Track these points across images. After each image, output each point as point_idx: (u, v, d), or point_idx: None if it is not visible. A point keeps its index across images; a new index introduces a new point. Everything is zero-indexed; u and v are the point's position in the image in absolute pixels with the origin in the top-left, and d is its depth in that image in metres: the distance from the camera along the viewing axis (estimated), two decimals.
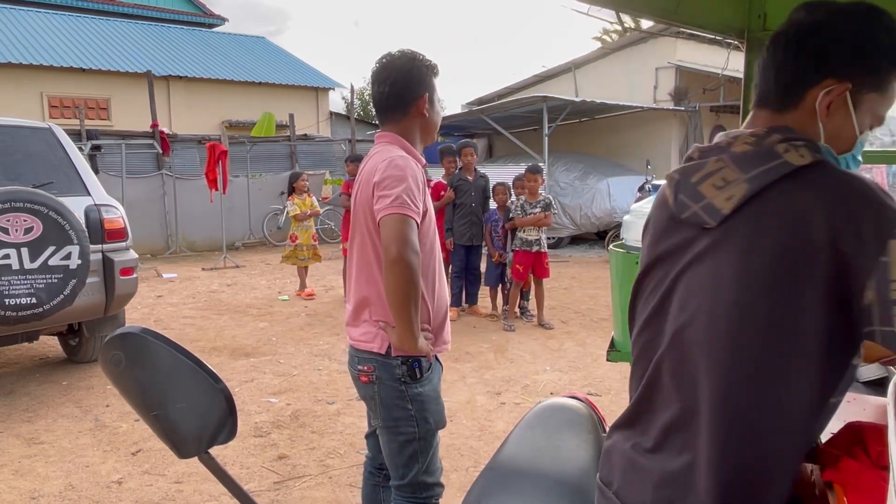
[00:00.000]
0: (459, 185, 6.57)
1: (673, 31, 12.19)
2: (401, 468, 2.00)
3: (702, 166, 1.10)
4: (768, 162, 1.01)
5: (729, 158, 1.06)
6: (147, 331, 1.11)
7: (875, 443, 0.99)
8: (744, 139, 1.07)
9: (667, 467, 1.03)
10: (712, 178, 1.06)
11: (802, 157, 1.00)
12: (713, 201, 1.04)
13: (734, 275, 1.00)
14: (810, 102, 1.05)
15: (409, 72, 1.95)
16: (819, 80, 1.04)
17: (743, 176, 1.03)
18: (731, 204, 1.02)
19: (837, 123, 1.05)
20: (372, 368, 1.94)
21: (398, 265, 1.76)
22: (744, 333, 0.98)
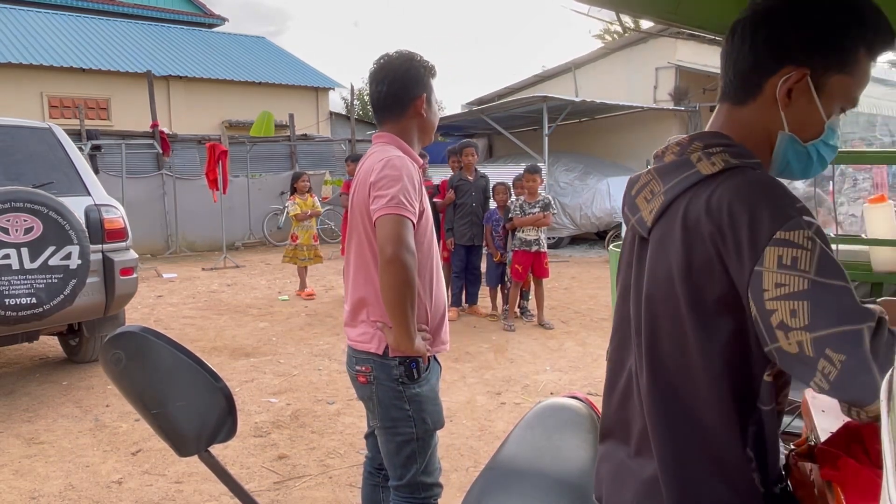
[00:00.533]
0: (460, 185, 6.58)
1: (673, 31, 12.19)
2: (399, 468, 2.00)
3: (639, 179, 1.11)
4: (682, 172, 1.01)
5: (656, 171, 1.07)
6: (147, 330, 1.12)
7: (874, 442, 0.99)
8: (671, 149, 1.07)
9: (643, 473, 1.04)
10: (644, 191, 1.08)
11: (713, 165, 0.98)
12: (643, 214, 1.07)
13: (647, 288, 1.02)
14: (770, 92, 1.01)
15: (407, 72, 1.96)
16: (777, 69, 1.00)
17: (662, 188, 1.03)
18: (652, 216, 1.04)
19: (802, 111, 1.01)
20: (369, 369, 1.94)
21: (393, 265, 1.77)
22: (658, 347, 1.00)
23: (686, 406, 0.98)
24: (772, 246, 0.87)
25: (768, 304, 0.87)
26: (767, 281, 0.87)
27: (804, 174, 1.08)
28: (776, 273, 0.86)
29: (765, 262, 0.87)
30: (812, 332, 0.84)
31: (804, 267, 0.85)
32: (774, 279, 0.86)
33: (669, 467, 0.98)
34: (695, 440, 0.97)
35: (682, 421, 0.98)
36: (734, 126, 1.05)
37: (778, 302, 0.86)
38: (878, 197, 2.79)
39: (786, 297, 0.85)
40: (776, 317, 0.86)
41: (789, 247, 0.86)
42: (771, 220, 0.88)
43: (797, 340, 0.85)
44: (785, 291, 0.85)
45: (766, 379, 0.96)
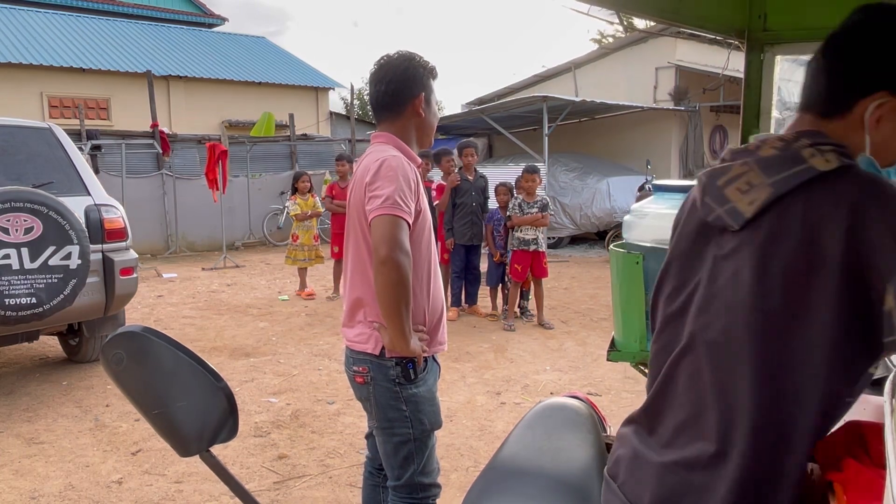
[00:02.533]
0: (460, 184, 6.57)
1: (673, 31, 12.19)
2: (396, 469, 2.00)
3: (728, 169, 1.09)
4: (793, 166, 1.00)
5: (755, 162, 1.06)
6: (148, 330, 1.11)
7: (876, 442, 0.98)
8: (771, 143, 1.06)
9: (674, 466, 1.03)
10: (737, 182, 1.06)
11: (828, 162, 0.98)
12: (737, 205, 1.04)
13: (752, 279, 1.00)
14: (859, 113, 1.02)
15: (406, 71, 1.96)
16: (872, 92, 1.00)
17: (767, 180, 1.02)
18: (753, 208, 1.02)
19: (885, 136, 1.02)
20: (366, 369, 1.94)
21: (387, 266, 1.77)
22: (759, 338, 0.98)
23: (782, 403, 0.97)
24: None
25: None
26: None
27: None
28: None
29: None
30: None
31: None
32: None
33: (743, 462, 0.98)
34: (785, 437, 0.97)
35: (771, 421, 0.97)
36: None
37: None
38: None
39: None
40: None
41: None
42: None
43: None
44: None
45: (870, 371, 0.98)
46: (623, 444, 1.15)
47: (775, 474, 0.97)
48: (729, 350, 1.01)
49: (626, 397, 4.32)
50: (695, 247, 1.12)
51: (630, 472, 1.10)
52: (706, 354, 1.04)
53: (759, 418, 0.97)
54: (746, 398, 0.98)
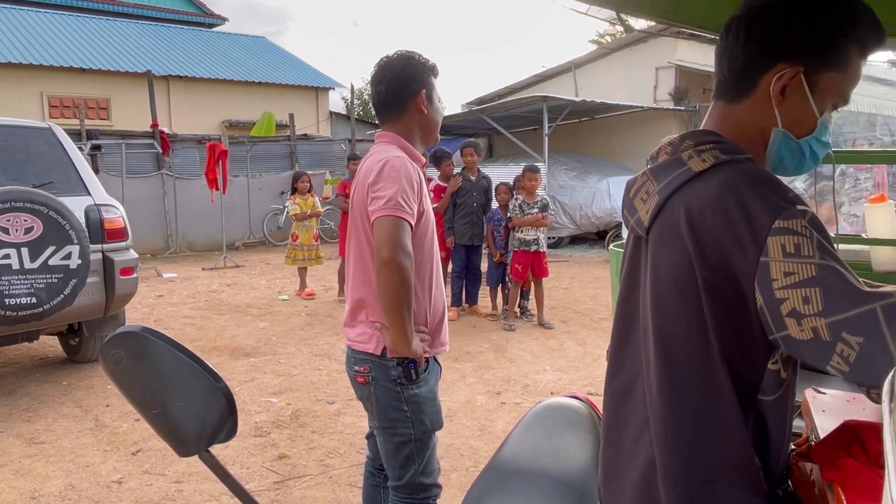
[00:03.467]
0: (461, 184, 6.57)
1: (673, 31, 12.19)
2: (397, 469, 2.00)
3: (636, 180, 1.12)
4: (674, 171, 1.02)
5: (650, 171, 1.08)
6: (147, 330, 1.11)
7: (874, 442, 0.99)
8: (664, 149, 1.08)
9: (636, 474, 1.04)
10: (640, 192, 1.09)
11: (704, 162, 0.99)
12: (640, 215, 1.07)
13: (650, 288, 1.03)
14: (764, 89, 1.02)
15: (405, 70, 1.96)
16: (770, 66, 1.01)
17: (656, 188, 1.04)
18: (648, 217, 1.04)
19: (795, 108, 1.02)
20: (367, 369, 1.94)
21: (389, 267, 1.77)
22: (666, 343, 1.00)
23: (692, 402, 0.98)
24: (773, 236, 0.88)
25: (778, 293, 0.87)
26: (775, 270, 0.87)
27: (797, 170, 1.09)
28: (783, 262, 0.87)
29: (769, 252, 0.88)
30: (827, 316, 0.84)
31: (808, 253, 0.86)
32: (782, 268, 0.87)
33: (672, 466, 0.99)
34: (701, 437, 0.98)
35: (688, 418, 0.98)
36: (728, 124, 1.06)
37: (788, 290, 0.87)
38: (879, 196, 2.78)
39: (796, 286, 0.86)
40: (787, 305, 0.87)
41: (790, 234, 0.87)
42: (768, 211, 0.89)
43: (811, 327, 0.86)
44: (795, 280, 0.86)
45: (770, 367, 0.97)
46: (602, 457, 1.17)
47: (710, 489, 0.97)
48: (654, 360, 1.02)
49: None
50: (630, 256, 1.15)
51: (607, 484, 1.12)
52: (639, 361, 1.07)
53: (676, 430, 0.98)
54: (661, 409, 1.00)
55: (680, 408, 0.99)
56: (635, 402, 1.08)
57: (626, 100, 12.84)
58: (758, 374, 0.97)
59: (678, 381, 0.99)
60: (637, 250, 1.11)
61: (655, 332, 1.02)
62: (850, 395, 1.44)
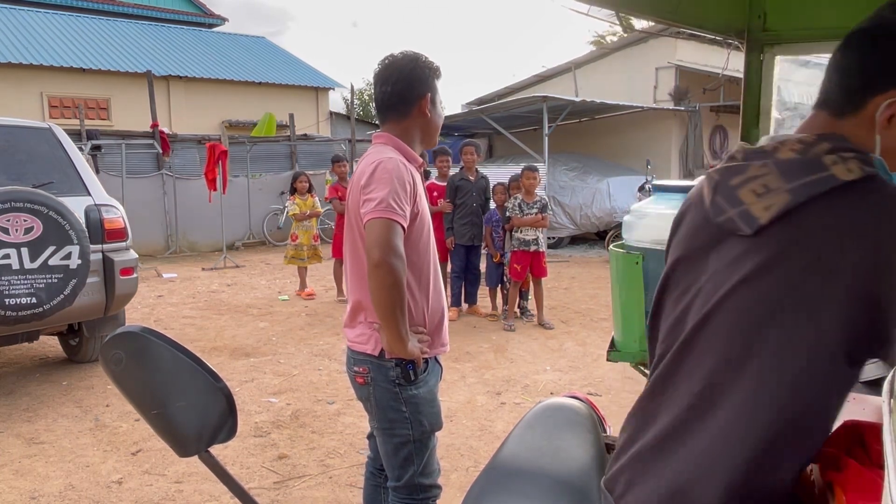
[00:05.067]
0: (461, 184, 6.58)
1: (673, 31, 12.19)
2: (396, 469, 2.00)
3: (744, 169, 1.03)
4: (813, 173, 0.95)
5: (773, 165, 1.00)
6: (147, 330, 1.11)
7: (875, 442, 0.98)
8: (790, 145, 1.01)
9: (670, 473, 1.01)
10: (753, 184, 1.01)
11: (850, 172, 0.93)
12: (751, 208, 0.99)
13: (761, 286, 0.97)
14: (871, 111, 0.98)
15: (413, 71, 1.95)
16: (885, 89, 0.96)
17: (785, 185, 0.97)
18: (769, 214, 0.97)
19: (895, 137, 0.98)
20: (367, 370, 1.94)
21: (380, 269, 1.76)
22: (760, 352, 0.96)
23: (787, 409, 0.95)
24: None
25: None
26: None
27: None
28: None
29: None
30: None
31: None
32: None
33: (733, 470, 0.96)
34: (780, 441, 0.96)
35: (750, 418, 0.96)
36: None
37: None
38: None
39: None
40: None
41: None
42: None
43: None
44: None
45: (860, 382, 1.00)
46: (620, 453, 1.13)
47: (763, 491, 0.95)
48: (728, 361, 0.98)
49: (626, 397, 4.31)
50: (699, 248, 1.08)
51: (628, 484, 1.07)
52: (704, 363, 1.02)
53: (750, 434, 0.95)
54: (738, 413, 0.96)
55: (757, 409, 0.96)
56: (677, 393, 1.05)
57: (626, 100, 12.84)
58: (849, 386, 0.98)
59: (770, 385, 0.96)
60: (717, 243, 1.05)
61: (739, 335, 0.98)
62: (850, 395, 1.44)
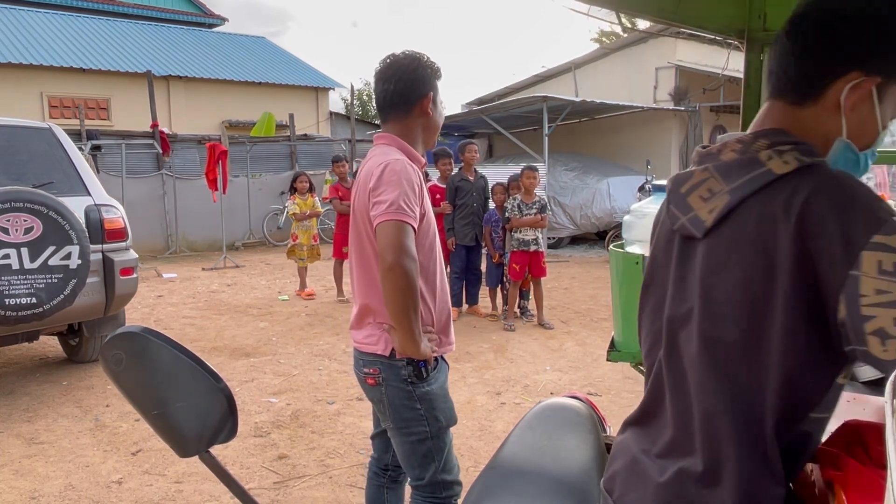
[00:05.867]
0: (461, 185, 6.58)
1: (673, 31, 12.19)
2: (417, 468, 1.99)
3: (690, 175, 1.06)
4: (751, 171, 0.96)
5: (714, 168, 1.02)
6: (148, 330, 1.11)
7: (875, 442, 0.98)
8: (731, 146, 1.03)
9: (670, 480, 1.00)
10: (699, 189, 1.03)
11: (786, 164, 0.94)
12: (698, 213, 1.01)
13: (713, 289, 0.98)
14: (833, 96, 0.97)
15: (415, 71, 1.95)
16: (845, 73, 0.95)
17: (726, 187, 0.99)
18: (712, 216, 0.99)
19: (862, 118, 0.98)
20: (378, 371, 1.94)
21: (394, 272, 1.76)
22: (720, 348, 0.96)
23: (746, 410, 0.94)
24: (869, 250, 0.84)
25: (865, 309, 0.84)
26: (866, 286, 0.83)
27: None
28: (876, 279, 0.83)
29: (862, 266, 0.84)
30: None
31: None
32: (874, 285, 0.83)
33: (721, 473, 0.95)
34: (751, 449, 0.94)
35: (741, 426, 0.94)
36: (790, 127, 1.01)
37: (878, 308, 0.83)
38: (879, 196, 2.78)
39: (889, 305, 0.82)
40: (874, 323, 0.83)
41: (888, 251, 0.83)
42: (866, 223, 0.85)
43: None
44: (888, 298, 0.83)
45: (839, 381, 0.95)
46: (620, 454, 1.12)
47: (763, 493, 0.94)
48: (701, 364, 0.98)
49: (626, 397, 4.31)
50: (667, 255, 1.09)
51: (627, 485, 1.07)
52: (682, 367, 1.02)
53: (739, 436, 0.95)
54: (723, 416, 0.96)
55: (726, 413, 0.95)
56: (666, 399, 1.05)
57: (626, 100, 12.85)
58: (823, 389, 0.94)
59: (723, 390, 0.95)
60: (680, 250, 1.05)
61: (702, 337, 0.97)
62: (850, 395, 1.44)
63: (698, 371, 0.98)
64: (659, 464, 1.03)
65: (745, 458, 0.94)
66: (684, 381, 1.02)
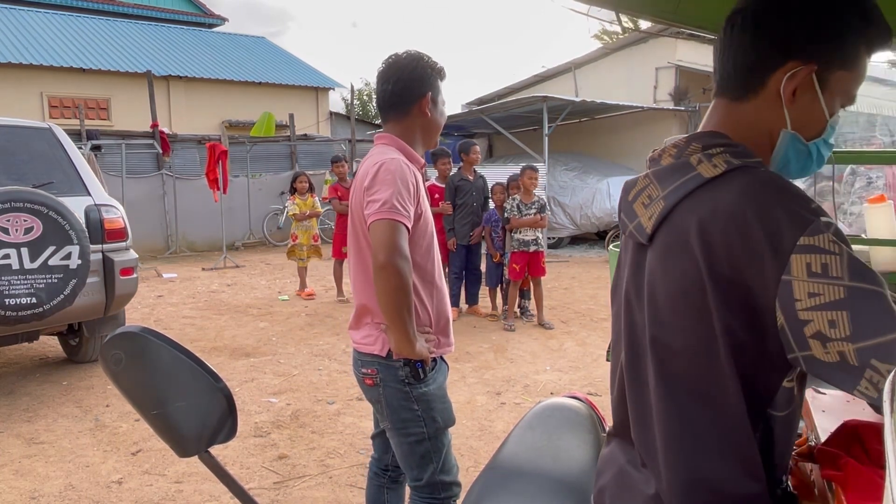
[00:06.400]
0: (460, 185, 6.58)
1: (673, 31, 12.19)
2: (415, 469, 1.99)
3: (635, 183, 1.06)
4: (682, 176, 0.96)
5: (653, 174, 1.02)
6: (147, 330, 1.11)
7: (874, 442, 0.99)
8: (668, 150, 1.03)
9: (649, 490, 1.00)
10: (641, 196, 1.03)
11: (715, 168, 0.93)
12: (641, 220, 1.01)
13: (654, 296, 0.97)
14: (773, 88, 0.96)
15: (414, 70, 1.95)
16: (782, 63, 0.95)
17: (661, 193, 0.98)
18: (651, 223, 0.98)
19: (805, 108, 0.96)
20: (375, 371, 1.94)
21: (386, 271, 1.76)
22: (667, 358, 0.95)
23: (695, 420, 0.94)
24: (797, 253, 0.83)
25: (801, 314, 0.82)
26: (798, 290, 0.82)
27: (802, 173, 1.04)
28: (807, 282, 0.82)
29: (792, 270, 0.83)
30: (855, 342, 0.79)
31: (836, 273, 0.81)
32: (806, 289, 0.82)
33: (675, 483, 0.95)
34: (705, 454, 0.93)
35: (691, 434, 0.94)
36: (733, 123, 1.00)
37: (813, 312, 0.82)
38: (878, 197, 2.78)
39: (822, 308, 0.81)
40: (811, 327, 0.82)
41: (816, 253, 0.82)
42: (791, 225, 0.84)
43: (838, 350, 0.81)
44: (820, 301, 0.81)
45: (785, 385, 0.93)
46: (607, 467, 1.11)
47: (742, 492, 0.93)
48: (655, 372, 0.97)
49: None
50: (626, 261, 1.09)
51: (616, 499, 1.06)
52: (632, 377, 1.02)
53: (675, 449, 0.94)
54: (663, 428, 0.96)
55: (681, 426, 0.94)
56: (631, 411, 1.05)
57: (626, 100, 12.84)
58: (771, 390, 0.93)
59: (678, 398, 0.94)
60: (634, 256, 1.05)
61: (652, 345, 0.97)
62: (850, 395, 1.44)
63: (653, 379, 0.97)
64: (645, 474, 1.02)
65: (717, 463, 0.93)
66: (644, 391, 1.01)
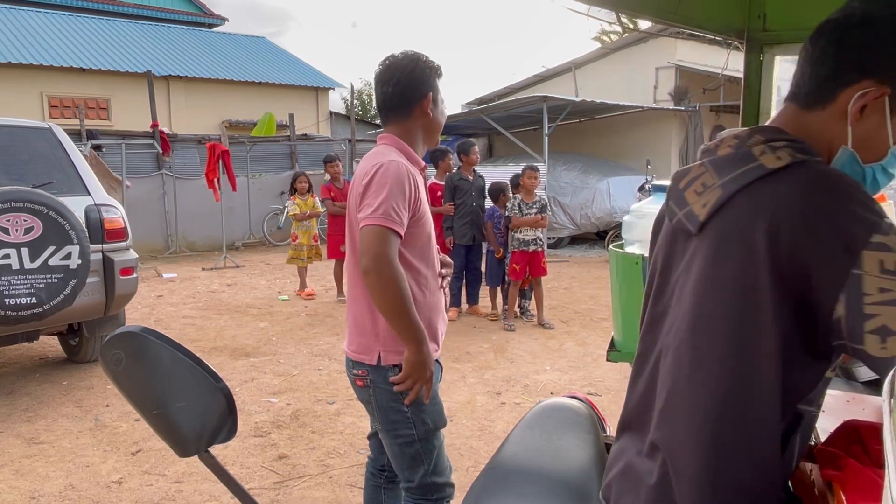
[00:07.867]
0: (459, 184, 6.58)
1: (673, 31, 12.19)
2: (406, 470, 1.99)
3: (688, 171, 1.06)
4: (743, 165, 0.96)
5: (710, 163, 1.03)
6: (147, 330, 1.11)
7: (874, 442, 0.99)
8: (728, 141, 1.03)
9: (651, 479, 1.00)
10: (694, 184, 1.03)
11: (779, 160, 0.93)
12: (693, 208, 1.01)
13: (703, 284, 0.97)
14: (843, 103, 0.96)
15: (413, 72, 1.94)
16: (856, 80, 0.94)
17: (718, 181, 0.99)
18: (705, 211, 0.99)
19: (869, 130, 0.96)
20: (365, 372, 1.94)
21: (369, 276, 1.76)
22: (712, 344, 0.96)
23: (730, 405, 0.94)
24: (870, 250, 0.85)
25: (868, 307, 0.84)
26: (869, 285, 0.84)
27: None
28: (879, 278, 0.84)
29: (864, 265, 0.84)
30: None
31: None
32: (877, 284, 0.84)
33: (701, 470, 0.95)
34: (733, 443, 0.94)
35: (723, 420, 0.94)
36: (796, 129, 1.00)
37: (882, 307, 0.84)
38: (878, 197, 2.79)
39: (892, 303, 0.84)
40: (876, 321, 0.84)
41: (888, 252, 0.84)
42: (862, 223, 0.86)
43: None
44: (891, 297, 0.84)
45: (827, 376, 0.95)
46: (616, 461, 1.12)
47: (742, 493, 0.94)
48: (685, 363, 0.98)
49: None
50: (669, 251, 1.09)
51: (621, 491, 1.07)
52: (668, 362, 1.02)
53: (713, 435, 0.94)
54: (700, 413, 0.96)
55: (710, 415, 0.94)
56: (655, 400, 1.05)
57: (626, 100, 12.84)
58: (812, 382, 0.95)
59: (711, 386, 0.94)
60: (677, 246, 1.05)
61: (691, 333, 0.97)
62: (849, 395, 1.44)
63: (689, 367, 0.98)
64: (648, 464, 1.03)
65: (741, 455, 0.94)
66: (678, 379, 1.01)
